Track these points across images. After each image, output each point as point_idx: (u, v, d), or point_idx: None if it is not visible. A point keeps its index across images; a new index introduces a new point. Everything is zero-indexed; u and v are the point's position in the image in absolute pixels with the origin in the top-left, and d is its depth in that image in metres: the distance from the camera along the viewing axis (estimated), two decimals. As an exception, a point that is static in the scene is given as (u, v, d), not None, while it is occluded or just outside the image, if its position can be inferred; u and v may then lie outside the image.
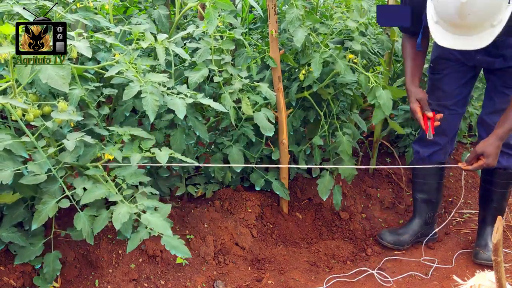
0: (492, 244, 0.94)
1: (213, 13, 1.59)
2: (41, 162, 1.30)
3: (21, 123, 1.30)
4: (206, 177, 2.10)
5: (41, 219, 1.29)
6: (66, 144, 1.29)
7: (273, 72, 1.91)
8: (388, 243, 2.11)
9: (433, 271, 1.95)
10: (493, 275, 1.02)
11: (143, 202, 1.36)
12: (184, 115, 1.48)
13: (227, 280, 1.77)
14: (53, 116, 1.33)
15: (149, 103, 1.42)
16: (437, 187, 2.14)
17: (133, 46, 1.58)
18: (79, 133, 1.37)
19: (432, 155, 2.07)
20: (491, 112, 1.91)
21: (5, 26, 1.16)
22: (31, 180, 1.27)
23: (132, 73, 1.48)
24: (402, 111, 2.56)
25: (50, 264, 1.45)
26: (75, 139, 1.32)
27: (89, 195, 1.32)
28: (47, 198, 1.32)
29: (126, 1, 2.15)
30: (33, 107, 1.34)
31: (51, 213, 1.29)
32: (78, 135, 1.35)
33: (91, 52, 1.39)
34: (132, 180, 1.43)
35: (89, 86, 1.54)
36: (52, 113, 1.34)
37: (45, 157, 1.31)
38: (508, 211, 2.49)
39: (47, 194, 1.33)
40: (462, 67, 1.92)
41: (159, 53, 1.59)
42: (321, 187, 2.05)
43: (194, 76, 1.70)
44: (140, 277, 1.64)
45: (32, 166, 1.28)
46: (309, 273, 1.90)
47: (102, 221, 1.34)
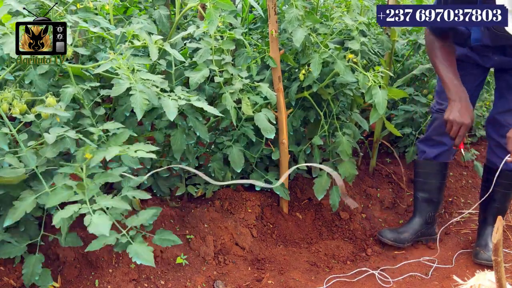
0: (492, 244, 0.94)
1: (214, 13, 1.58)
2: (22, 156, 1.26)
3: (4, 116, 1.26)
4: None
5: (17, 216, 1.23)
6: (47, 137, 1.26)
7: (273, 72, 1.91)
8: (388, 240, 2.11)
9: (433, 271, 1.95)
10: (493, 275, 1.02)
11: (101, 202, 1.26)
12: (174, 116, 1.46)
13: (227, 280, 1.77)
14: (38, 110, 1.29)
15: (137, 101, 1.39)
16: (439, 187, 2.13)
17: (126, 45, 1.58)
18: (62, 128, 1.32)
19: (438, 155, 2.07)
20: (504, 111, 1.90)
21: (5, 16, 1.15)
22: (9, 172, 1.22)
23: (123, 71, 1.47)
24: (402, 111, 2.56)
25: (30, 266, 1.39)
26: (57, 133, 1.28)
27: (54, 198, 1.24)
28: (26, 194, 1.27)
29: (126, 1, 2.15)
30: (19, 102, 1.31)
31: (28, 209, 1.24)
32: (61, 130, 1.30)
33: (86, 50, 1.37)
34: (100, 180, 1.33)
35: (85, 86, 1.52)
36: (38, 107, 1.30)
37: (25, 150, 1.26)
38: (509, 211, 2.49)
39: (27, 190, 1.28)
40: (476, 69, 1.92)
41: (152, 51, 1.58)
42: (318, 186, 2.05)
43: (194, 77, 1.70)
44: (140, 277, 1.64)
45: (11, 159, 1.23)
46: (309, 273, 1.90)
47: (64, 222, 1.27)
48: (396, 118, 2.57)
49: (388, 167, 2.72)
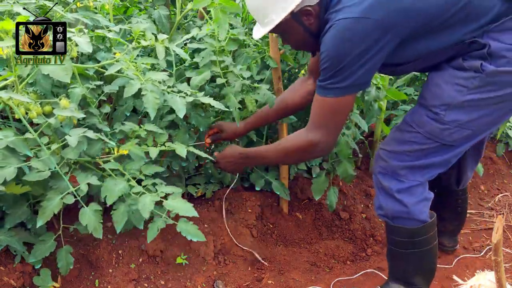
0: (492, 244, 0.94)
1: (223, 17, 1.56)
2: (44, 158, 1.30)
3: (24, 121, 1.30)
4: (206, 177, 2.10)
5: (46, 216, 1.28)
6: (69, 140, 1.30)
7: (273, 72, 1.91)
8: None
9: (433, 271, 1.95)
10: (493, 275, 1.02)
11: (162, 190, 1.38)
12: (184, 113, 1.48)
13: (227, 280, 1.77)
14: (56, 113, 1.33)
15: (149, 101, 1.42)
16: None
17: (133, 44, 1.58)
18: (81, 129, 1.37)
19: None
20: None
21: (7, 22, 1.16)
22: (35, 176, 1.26)
23: (132, 72, 1.48)
24: (402, 111, 2.56)
25: (62, 258, 1.47)
26: (77, 135, 1.33)
27: (111, 193, 1.32)
28: (52, 194, 1.32)
29: (126, 1, 2.15)
30: (35, 105, 1.34)
31: (56, 210, 1.29)
32: (80, 131, 1.35)
33: (91, 48, 1.38)
34: (149, 170, 1.45)
35: (90, 84, 1.54)
36: (55, 110, 1.34)
37: (48, 153, 1.31)
38: (509, 211, 2.49)
39: (52, 191, 1.33)
40: None
41: (159, 51, 1.59)
42: (315, 186, 2.05)
43: (195, 79, 1.70)
44: (140, 277, 1.64)
45: (36, 163, 1.28)
46: (309, 273, 1.90)
47: (122, 215, 1.35)
48: (396, 118, 2.57)
49: (388, 167, 2.72)
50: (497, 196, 2.70)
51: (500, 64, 1.29)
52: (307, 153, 1.51)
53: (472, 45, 1.32)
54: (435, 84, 1.42)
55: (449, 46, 1.34)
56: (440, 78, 1.40)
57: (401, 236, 1.58)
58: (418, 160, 1.49)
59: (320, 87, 1.40)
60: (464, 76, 1.34)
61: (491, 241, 1.07)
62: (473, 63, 1.32)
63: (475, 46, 1.32)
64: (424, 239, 1.56)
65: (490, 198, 2.69)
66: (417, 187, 1.52)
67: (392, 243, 1.63)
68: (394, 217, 1.56)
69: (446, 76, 1.39)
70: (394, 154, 1.52)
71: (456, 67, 1.37)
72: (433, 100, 1.41)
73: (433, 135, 1.43)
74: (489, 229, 2.32)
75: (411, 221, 1.54)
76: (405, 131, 1.50)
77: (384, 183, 1.54)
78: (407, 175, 1.51)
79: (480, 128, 1.41)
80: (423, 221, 1.53)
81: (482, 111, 1.37)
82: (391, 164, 1.53)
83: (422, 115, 1.45)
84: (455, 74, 1.36)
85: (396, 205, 1.53)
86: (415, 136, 1.47)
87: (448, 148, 1.45)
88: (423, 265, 1.61)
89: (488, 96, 1.34)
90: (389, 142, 1.56)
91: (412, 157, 1.49)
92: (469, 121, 1.38)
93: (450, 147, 1.45)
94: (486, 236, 2.25)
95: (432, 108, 1.42)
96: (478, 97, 1.34)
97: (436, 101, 1.41)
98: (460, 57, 1.35)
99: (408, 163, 1.50)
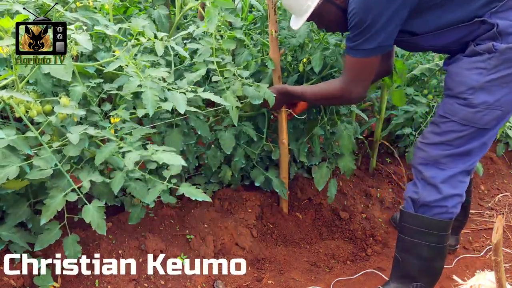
0: (492, 244, 0.93)
1: (213, 11, 1.61)
2: (46, 156, 1.31)
3: (25, 119, 1.30)
4: (206, 177, 2.10)
5: (50, 214, 1.29)
6: (70, 137, 1.30)
7: (273, 72, 1.91)
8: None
9: (433, 271, 1.94)
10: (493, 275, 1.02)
11: (153, 148, 1.37)
12: (184, 109, 1.48)
13: (227, 280, 1.77)
14: (56, 110, 1.33)
15: (148, 97, 1.41)
16: None
17: (132, 42, 1.58)
18: (82, 126, 1.37)
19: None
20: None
21: (6, 20, 1.15)
22: (37, 174, 1.27)
23: (132, 69, 1.48)
24: (402, 111, 2.56)
25: (69, 246, 1.45)
26: (78, 132, 1.33)
27: (101, 154, 1.33)
28: (55, 192, 1.32)
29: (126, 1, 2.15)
30: (35, 104, 1.34)
31: (59, 207, 1.29)
32: (81, 128, 1.35)
33: (91, 45, 1.38)
34: (139, 132, 1.46)
35: (90, 83, 1.54)
36: (55, 108, 1.34)
37: (50, 151, 1.31)
38: (509, 211, 2.49)
39: (55, 188, 1.33)
40: None
41: (158, 48, 1.59)
42: (317, 176, 2.05)
43: (191, 75, 1.70)
44: (140, 277, 1.64)
45: (38, 161, 1.28)
46: (309, 273, 1.90)
47: (118, 180, 1.36)
48: (396, 118, 2.57)
49: (388, 167, 2.72)
50: (497, 196, 2.71)
51: (510, 41, 1.37)
52: (338, 99, 1.69)
53: (482, 25, 1.40)
54: (455, 73, 1.49)
55: (461, 22, 1.43)
56: (459, 67, 1.48)
57: (423, 226, 1.59)
58: (459, 147, 1.53)
59: (349, 48, 1.54)
60: (480, 59, 1.42)
61: (491, 241, 1.07)
62: (485, 45, 1.40)
63: (485, 27, 1.40)
64: (443, 236, 1.59)
65: (490, 198, 2.69)
66: (459, 176, 1.55)
67: (408, 233, 1.62)
68: (424, 205, 1.58)
69: (465, 64, 1.46)
70: (434, 145, 1.57)
71: (471, 54, 1.45)
72: (459, 87, 1.48)
73: (467, 120, 1.49)
74: (489, 229, 2.32)
75: (442, 214, 1.57)
76: (441, 123, 1.55)
77: (426, 173, 1.58)
78: (448, 163, 1.55)
79: (507, 107, 1.47)
80: (451, 216, 1.57)
81: (504, 90, 1.43)
82: (432, 154, 1.57)
83: (453, 103, 1.51)
84: (472, 60, 1.45)
85: (433, 194, 1.56)
86: (452, 125, 1.52)
87: (483, 132, 1.51)
88: (434, 262, 1.63)
89: (507, 73, 1.41)
90: (427, 135, 1.60)
91: (453, 146, 1.54)
92: (496, 101, 1.44)
93: (484, 130, 1.50)
94: (486, 236, 2.25)
95: (460, 95, 1.48)
96: (498, 76, 1.41)
97: (462, 87, 1.47)
98: (472, 44, 1.44)
99: (449, 151, 1.54)
